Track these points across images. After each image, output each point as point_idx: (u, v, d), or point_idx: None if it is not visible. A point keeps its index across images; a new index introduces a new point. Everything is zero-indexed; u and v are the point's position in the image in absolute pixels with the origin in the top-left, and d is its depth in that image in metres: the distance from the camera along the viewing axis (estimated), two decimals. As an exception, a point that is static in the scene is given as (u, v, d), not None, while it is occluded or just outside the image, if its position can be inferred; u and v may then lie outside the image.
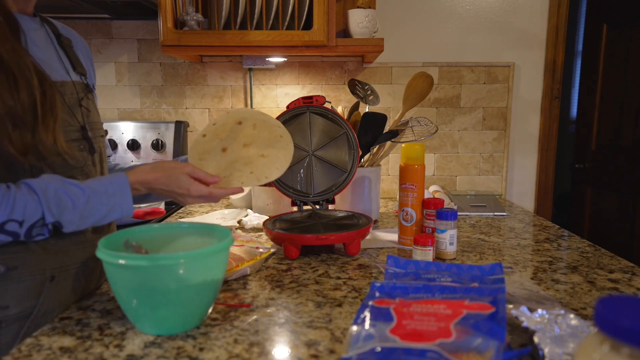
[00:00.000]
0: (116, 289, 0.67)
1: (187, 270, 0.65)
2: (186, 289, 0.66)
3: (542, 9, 1.80)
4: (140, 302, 0.66)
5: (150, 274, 0.64)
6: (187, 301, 0.67)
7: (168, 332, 0.68)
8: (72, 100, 0.82)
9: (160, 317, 0.67)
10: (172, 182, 0.82)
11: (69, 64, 0.86)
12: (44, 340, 0.67)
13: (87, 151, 0.84)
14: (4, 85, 0.68)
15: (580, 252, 1.10)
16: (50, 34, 0.86)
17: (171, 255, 0.65)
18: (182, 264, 0.65)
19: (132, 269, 0.64)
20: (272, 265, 1.01)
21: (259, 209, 1.48)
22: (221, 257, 0.71)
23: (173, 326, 0.68)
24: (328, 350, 0.64)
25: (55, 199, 0.70)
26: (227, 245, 0.71)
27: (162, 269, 0.64)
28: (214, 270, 0.70)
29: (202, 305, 0.70)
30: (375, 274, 0.95)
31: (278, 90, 1.82)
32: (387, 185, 1.88)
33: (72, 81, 0.84)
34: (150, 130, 1.76)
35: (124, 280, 0.65)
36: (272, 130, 0.96)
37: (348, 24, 1.56)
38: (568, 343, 0.58)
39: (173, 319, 0.68)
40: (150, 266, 0.63)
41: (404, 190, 1.14)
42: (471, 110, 1.84)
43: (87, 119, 0.85)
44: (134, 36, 1.79)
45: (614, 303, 0.37)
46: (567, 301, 0.81)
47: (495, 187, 1.89)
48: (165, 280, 0.64)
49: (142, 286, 0.64)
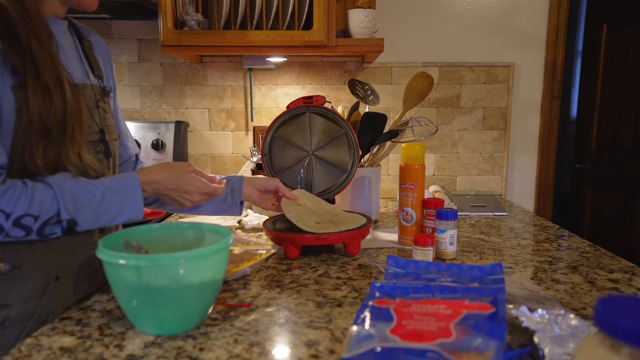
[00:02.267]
0: (116, 289, 0.67)
1: (187, 271, 0.65)
2: (186, 289, 0.66)
3: (542, 9, 1.80)
4: (140, 302, 0.66)
5: (150, 274, 0.64)
6: (187, 301, 0.67)
7: (168, 333, 0.68)
8: (90, 102, 0.83)
9: (160, 318, 0.67)
10: (181, 180, 0.84)
11: (88, 67, 0.88)
12: (44, 340, 0.67)
13: (104, 154, 0.85)
14: (40, 99, 0.69)
15: (580, 252, 1.10)
16: (74, 36, 0.87)
17: (171, 255, 0.64)
18: (182, 264, 0.65)
19: (132, 269, 0.63)
20: (272, 265, 1.01)
21: (259, 209, 1.48)
22: (221, 257, 0.71)
23: (173, 326, 0.68)
24: (328, 350, 0.64)
25: (71, 196, 0.70)
26: (227, 245, 0.71)
27: (162, 268, 0.64)
28: (214, 270, 0.69)
29: (202, 306, 0.70)
30: (375, 274, 0.95)
31: (278, 90, 1.82)
32: (387, 185, 1.88)
33: (91, 84, 0.86)
34: (150, 130, 1.76)
35: (124, 281, 0.65)
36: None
37: (348, 24, 1.56)
38: (568, 343, 0.58)
39: (173, 319, 0.68)
40: (150, 266, 0.63)
41: (404, 190, 1.14)
42: (471, 110, 1.84)
43: (104, 121, 0.87)
44: (134, 36, 1.79)
45: (614, 303, 0.37)
46: (567, 301, 0.81)
47: (495, 187, 1.89)
48: (165, 280, 0.64)
49: (141, 286, 0.64)
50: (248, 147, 1.84)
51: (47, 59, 0.71)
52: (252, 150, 1.58)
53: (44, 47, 0.71)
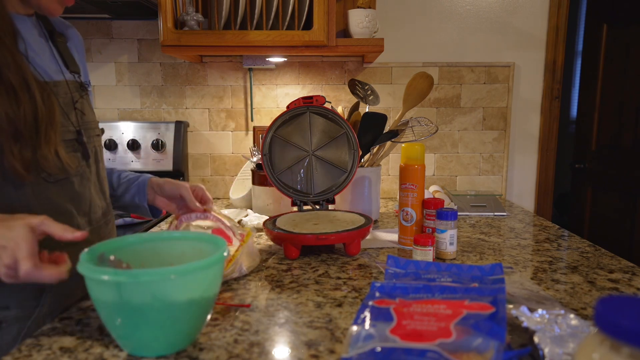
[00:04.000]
0: (96, 306, 0.61)
1: (171, 288, 0.58)
2: (170, 307, 0.59)
3: (542, 9, 1.80)
4: (123, 321, 0.59)
5: (130, 292, 0.56)
6: (173, 321, 0.60)
7: (155, 354, 0.62)
8: (66, 100, 0.80)
9: (142, 338, 0.61)
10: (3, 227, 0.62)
11: (62, 62, 0.83)
12: (44, 341, 0.67)
13: (81, 155, 0.82)
14: (5, 100, 0.66)
15: (580, 252, 1.10)
16: (44, 30, 0.83)
17: (151, 270, 0.58)
18: (164, 280, 0.57)
19: (112, 285, 0.56)
20: (272, 266, 1.01)
21: (259, 209, 1.48)
22: (212, 273, 0.62)
23: (157, 348, 0.62)
24: (328, 350, 0.64)
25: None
26: (218, 260, 0.63)
27: (142, 285, 0.56)
28: (204, 287, 0.61)
29: (190, 326, 0.63)
30: (376, 274, 0.95)
31: (278, 90, 1.82)
32: (387, 185, 1.88)
33: (66, 80, 0.82)
34: (151, 131, 1.76)
35: (103, 297, 0.59)
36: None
37: (348, 24, 1.56)
38: (568, 343, 0.58)
39: (155, 340, 0.61)
40: (129, 283, 0.56)
41: (404, 190, 1.14)
42: (471, 110, 1.84)
43: (81, 120, 0.83)
44: (134, 36, 1.79)
45: (614, 303, 0.37)
46: (567, 301, 0.81)
47: (495, 187, 1.89)
48: (146, 298, 0.57)
49: (122, 304, 0.57)
50: (248, 147, 1.84)
51: (9, 59, 0.67)
52: (252, 150, 1.58)
53: (4, 45, 0.67)
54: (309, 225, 1.07)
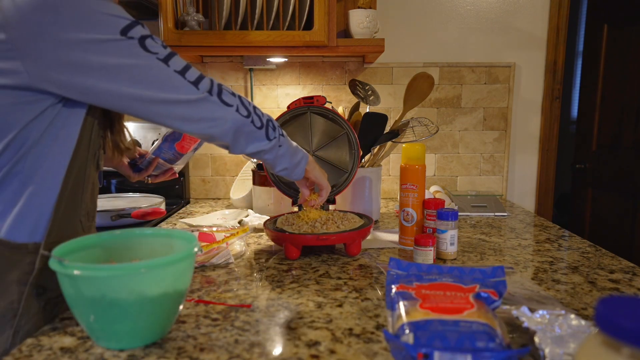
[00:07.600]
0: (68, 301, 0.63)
1: (143, 281, 0.60)
2: (141, 301, 0.61)
3: (543, 9, 1.80)
4: (97, 317, 0.61)
5: (105, 286, 0.59)
6: (145, 315, 0.62)
7: (127, 347, 0.64)
8: None
9: (116, 331, 0.63)
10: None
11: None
12: (44, 341, 0.67)
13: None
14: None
15: (581, 253, 1.10)
16: None
17: (125, 265, 0.61)
18: (136, 274, 0.59)
19: (83, 280, 0.59)
20: (272, 266, 1.01)
21: (259, 209, 1.48)
22: (179, 268, 0.64)
23: (131, 341, 0.64)
24: (328, 350, 0.64)
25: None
26: (188, 255, 0.65)
27: (116, 279, 0.59)
28: (173, 281, 0.63)
29: (162, 319, 0.65)
30: (376, 275, 0.95)
31: (279, 90, 1.82)
32: (388, 185, 1.88)
33: None
34: (151, 131, 1.76)
35: (77, 293, 0.61)
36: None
37: (349, 24, 1.56)
38: (569, 343, 0.58)
39: (129, 335, 0.63)
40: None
41: (404, 191, 1.14)
42: (472, 111, 1.84)
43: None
44: (134, 36, 1.78)
45: (614, 303, 0.37)
46: (567, 301, 0.81)
47: (495, 188, 1.89)
48: (121, 293, 0.59)
49: (94, 300, 0.59)
50: (248, 148, 1.84)
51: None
52: (253, 151, 1.58)
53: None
54: (310, 225, 1.07)
